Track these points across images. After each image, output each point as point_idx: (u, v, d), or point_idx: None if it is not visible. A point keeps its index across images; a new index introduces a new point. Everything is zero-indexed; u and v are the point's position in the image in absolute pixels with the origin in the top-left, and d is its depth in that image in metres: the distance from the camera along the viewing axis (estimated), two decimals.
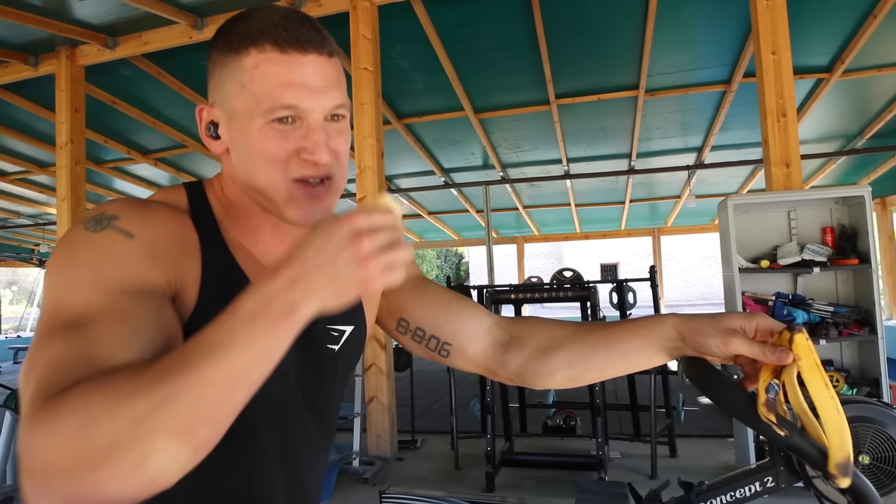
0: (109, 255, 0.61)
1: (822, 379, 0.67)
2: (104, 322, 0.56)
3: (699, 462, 4.20)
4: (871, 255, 3.46)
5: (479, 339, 0.89)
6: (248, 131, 0.68)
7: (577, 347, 0.85)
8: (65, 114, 4.83)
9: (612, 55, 5.10)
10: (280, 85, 0.66)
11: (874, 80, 5.51)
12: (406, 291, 0.91)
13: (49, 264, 0.62)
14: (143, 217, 0.65)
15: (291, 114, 0.66)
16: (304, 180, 0.68)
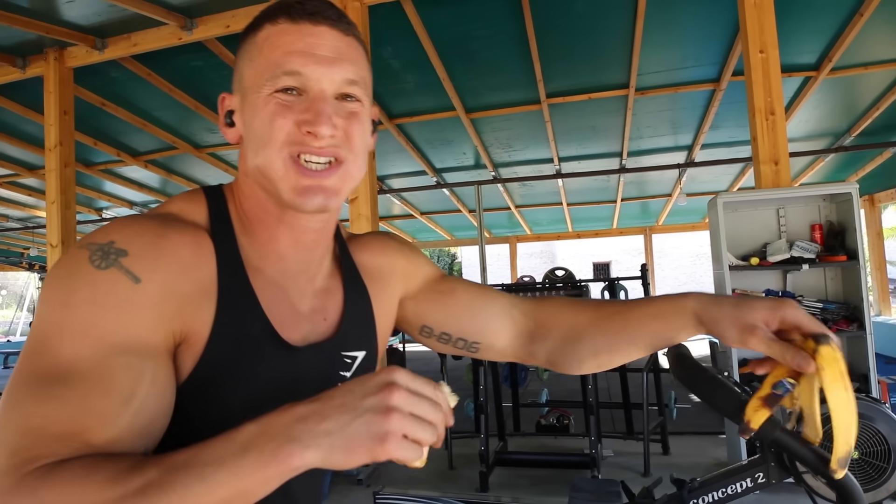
0: (109, 304, 0.55)
1: (843, 386, 0.65)
2: (90, 386, 0.53)
3: (692, 459, 4.23)
4: (859, 251, 3.50)
5: (507, 333, 0.89)
6: (253, 106, 0.64)
7: (599, 337, 0.84)
8: (53, 116, 4.79)
9: (602, 54, 5.12)
10: (286, 52, 0.62)
11: (861, 77, 5.56)
12: (426, 299, 0.89)
13: (45, 292, 0.57)
14: (154, 254, 0.59)
15: (295, 83, 0.62)
16: (300, 158, 0.63)
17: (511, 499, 3.45)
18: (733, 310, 0.71)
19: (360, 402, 0.49)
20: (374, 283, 0.84)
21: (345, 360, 0.78)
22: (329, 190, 0.65)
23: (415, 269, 0.90)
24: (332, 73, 0.63)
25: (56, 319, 0.55)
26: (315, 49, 0.63)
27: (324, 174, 0.64)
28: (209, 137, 6.82)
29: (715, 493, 1.97)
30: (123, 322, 0.56)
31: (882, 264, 9.31)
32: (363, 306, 0.81)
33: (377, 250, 0.87)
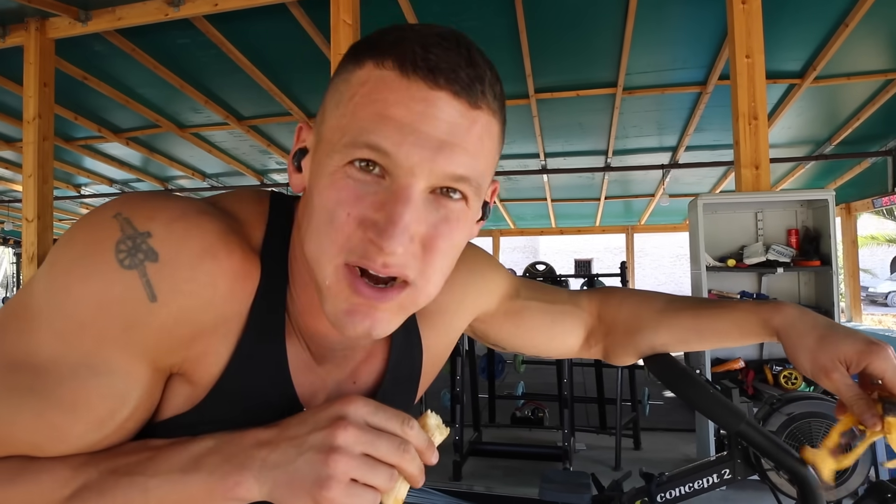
0: (114, 313, 0.47)
1: None
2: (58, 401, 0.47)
3: (662, 455, 4.31)
4: (833, 257, 3.57)
5: (575, 340, 0.86)
6: (320, 172, 0.49)
7: (664, 330, 0.79)
8: (33, 88, 4.69)
9: (591, 52, 5.14)
10: (378, 116, 0.45)
11: (844, 87, 5.65)
12: (500, 321, 0.81)
13: (58, 254, 0.49)
14: (186, 275, 0.49)
15: (378, 160, 0.46)
16: (358, 268, 0.47)
17: (484, 488, 3.48)
18: (816, 343, 0.66)
19: (307, 437, 0.44)
20: (432, 326, 0.70)
21: None
22: (380, 316, 0.49)
23: (488, 294, 0.79)
24: (435, 162, 0.45)
25: (56, 300, 0.48)
26: (421, 123, 0.45)
27: (380, 296, 0.48)
28: (193, 117, 6.72)
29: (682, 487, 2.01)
30: (122, 339, 0.48)
31: (855, 272, 9.49)
32: (409, 367, 0.69)
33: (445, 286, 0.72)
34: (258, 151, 7.89)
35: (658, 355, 0.82)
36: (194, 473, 0.45)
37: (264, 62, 5.34)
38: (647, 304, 0.83)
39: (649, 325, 0.80)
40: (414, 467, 0.45)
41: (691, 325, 0.78)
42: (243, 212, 0.55)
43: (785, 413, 2.63)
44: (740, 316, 0.75)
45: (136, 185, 9.66)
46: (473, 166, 0.47)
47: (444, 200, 0.48)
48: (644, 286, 26.16)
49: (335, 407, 0.45)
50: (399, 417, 0.46)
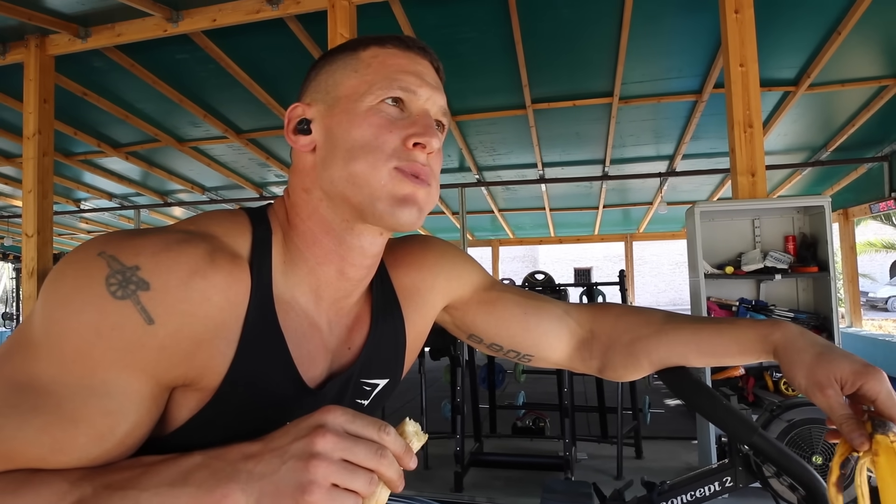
0: (112, 339, 0.51)
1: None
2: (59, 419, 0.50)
3: (664, 463, 4.29)
4: (830, 263, 3.58)
5: (562, 345, 0.86)
6: (352, 114, 0.63)
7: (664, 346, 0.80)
8: (33, 104, 4.72)
9: (587, 62, 5.18)
10: (400, 70, 0.65)
11: (838, 94, 5.70)
12: (473, 309, 0.86)
13: (50, 293, 0.52)
14: (178, 296, 0.53)
15: (406, 97, 0.64)
16: (404, 170, 0.62)
17: (485, 499, 3.47)
18: (813, 359, 0.67)
19: (289, 447, 0.46)
20: (410, 301, 0.80)
21: (363, 388, 0.75)
22: (422, 203, 0.64)
23: (458, 280, 0.86)
24: (436, 98, 0.67)
25: (55, 330, 0.51)
26: (425, 75, 0.67)
27: (421, 184, 0.63)
28: (192, 131, 6.75)
29: (684, 495, 2.01)
30: (121, 362, 0.52)
31: (854, 277, 9.51)
32: (393, 332, 0.78)
33: (415, 265, 0.82)
34: (257, 164, 7.91)
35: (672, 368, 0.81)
36: (183, 487, 0.46)
37: (263, 76, 5.38)
38: (645, 319, 0.83)
39: (649, 340, 0.81)
40: (392, 472, 0.47)
41: (691, 339, 0.79)
42: (222, 228, 0.63)
43: (785, 420, 2.63)
44: (739, 332, 0.76)
45: (135, 199, 9.68)
46: (447, 107, 0.70)
47: (439, 133, 0.66)
48: (644, 294, 26.16)
49: (314, 417, 0.47)
50: (375, 424, 0.48)
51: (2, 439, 0.50)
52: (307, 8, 4.14)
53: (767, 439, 0.78)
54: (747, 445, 0.77)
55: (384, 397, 0.79)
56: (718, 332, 0.78)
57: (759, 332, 0.74)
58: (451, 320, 0.88)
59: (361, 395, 0.75)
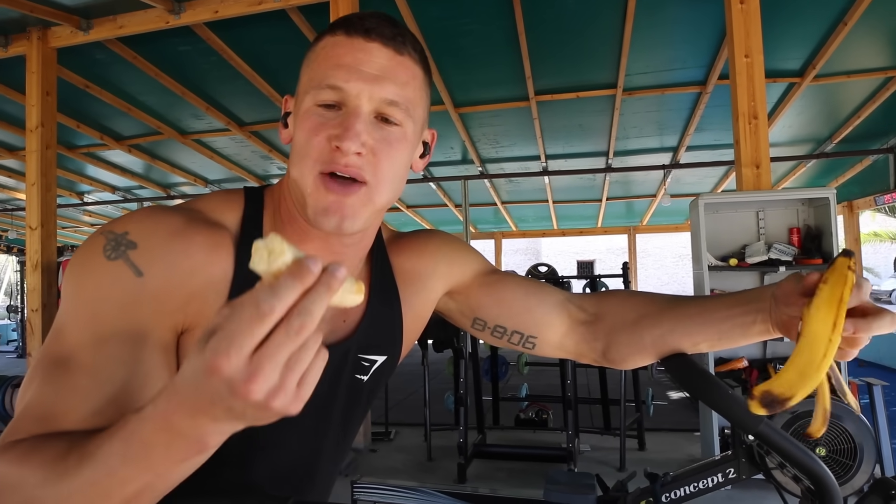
0: (111, 295, 0.59)
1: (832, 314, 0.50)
2: (81, 370, 0.56)
3: (666, 455, 4.30)
4: (834, 255, 3.57)
5: (565, 328, 0.85)
6: (297, 115, 0.66)
7: (667, 322, 0.77)
8: (35, 97, 4.71)
9: (591, 53, 5.15)
10: (333, 66, 0.63)
11: (844, 85, 5.66)
12: (476, 292, 0.87)
13: (65, 279, 0.62)
14: (162, 250, 0.61)
15: (335, 98, 0.62)
16: (329, 173, 0.62)
17: (488, 490, 3.48)
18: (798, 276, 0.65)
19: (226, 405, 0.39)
20: (408, 285, 0.83)
21: (362, 363, 0.77)
22: (346, 210, 0.63)
23: (459, 265, 0.88)
24: (372, 90, 0.62)
25: (68, 308, 0.59)
26: (361, 64, 0.63)
27: (345, 190, 0.62)
28: (195, 123, 6.75)
29: (687, 487, 2.02)
30: (123, 313, 0.58)
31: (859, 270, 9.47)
32: (391, 310, 0.80)
33: (416, 252, 0.85)
34: (260, 157, 7.91)
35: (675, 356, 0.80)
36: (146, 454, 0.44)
37: (265, 68, 5.36)
38: (650, 299, 0.82)
39: (653, 316, 0.79)
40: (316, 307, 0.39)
41: (694, 311, 0.76)
42: (208, 205, 0.69)
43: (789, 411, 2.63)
44: (740, 292, 0.74)
45: (138, 191, 9.69)
46: (402, 95, 0.64)
47: (384, 125, 0.64)
48: (647, 286, 26.14)
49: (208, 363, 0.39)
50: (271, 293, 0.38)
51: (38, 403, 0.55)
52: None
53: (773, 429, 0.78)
54: (753, 435, 0.77)
55: (383, 374, 0.81)
56: (721, 300, 0.75)
57: (758, 288, 0.72)
58: (455, 306, 0.88)
59: (360, 371, 0.77)
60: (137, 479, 0.45)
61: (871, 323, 0.57)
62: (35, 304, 4.84)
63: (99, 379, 0.56)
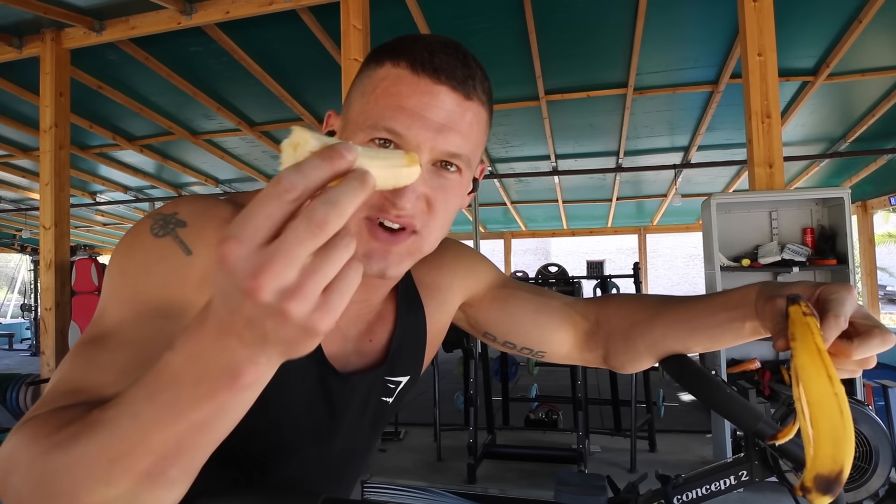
0: (158, 271, 0.56)
1: (822, 369, 0.48)
2: (119, 345, 0.53)
3: (678, 457, 4.27)
4: (849, 256, 3.53)
5: (571, 340, 0.87)
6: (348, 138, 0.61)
7: (659, 327, 0.77)
8: (49, 97, 4.76)
9: (601, 53, 5.13)
10: (394, 106, 0.58)
11: (858, 84, 5.59)
12: (488, 307, 0.87)
13: (112, 257, 0.60)
14: (211, 232, 0.59)
15: (393, 140, 0.58)
16: (376, 221, 0.58)
17: (498, 491, 3.48)
18: (779, 284, 0.63)
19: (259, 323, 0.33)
20: (431, 299, 0.83)
21: (388, 386, 0.76)
22: (393, 258, 0.60)
23: (474, 278, 0.88)
24: (436, 141, 0.58)
25: (113, 286, 0.57)
26: (426, 111, 0.57)
27: (393, 239, 0.59)
28: (206, 124, 6.79)
29: (699, 489, 2.00)
30: (169, 288, 0.56)
31: (873, 270, 9.38)
32: (416, 329, 0.80)
33: (434, 264, 0.84)
34: (270, 157, 7.95)
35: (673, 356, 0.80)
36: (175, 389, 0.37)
37: (276, 68, 5.39)
38: (642, 304, 0.82)
39: (644, 323, 0.79)
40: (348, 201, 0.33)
41: (683, 317, 0.75)
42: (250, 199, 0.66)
43: None
44: (727, 296, 0.71)
45: (150, 191, 9.77)
46: (465, 146, 0.60)
47: (443, 171, 0.60)
48: (657, 287, 25.99)
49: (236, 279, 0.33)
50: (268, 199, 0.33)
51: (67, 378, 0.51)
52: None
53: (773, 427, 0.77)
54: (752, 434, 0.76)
55: (406, 394, 0.80)
56: (707, 302, 0.74)
57: (743, 290, 0.69)
58: (466, 319, 0.89)
59: (386, 393, 0.75)
60: (165, 427, 0.37)
61: (861, 347, 0.53)
62: (48, 302, 4.89)
63: (138, 352, 0.51)
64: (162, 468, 0.38)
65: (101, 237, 14.07)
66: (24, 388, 5.04)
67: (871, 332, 0.54)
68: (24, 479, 0.41)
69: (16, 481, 0.41)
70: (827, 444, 0.47)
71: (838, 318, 0.53)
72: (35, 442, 0.43)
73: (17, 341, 13.86)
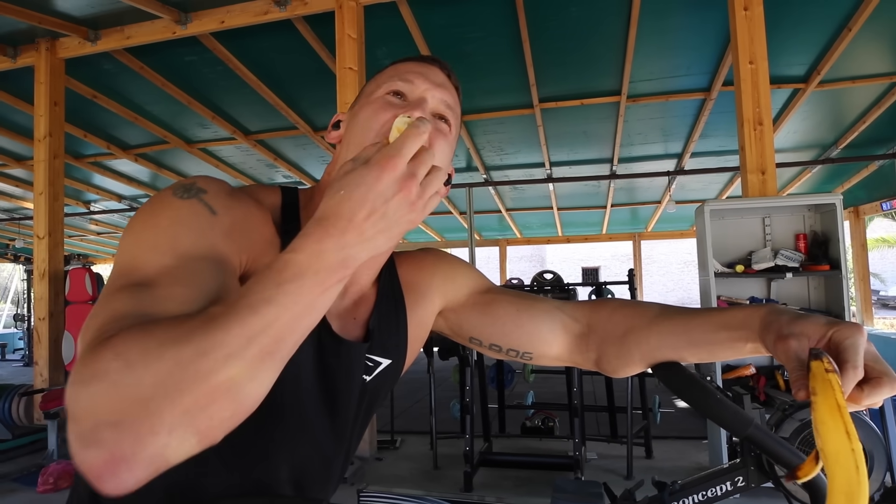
0: (190, 223, 0.61)
1: (841, 425, 0.50)
2: (171, 283, 0.54)
3: (674, 463, 4.27)
4: (842, 261, 3.55)
5: (559, 341, 0.87)
6: (362, 105, 0.75)
7: (654, 337, 0.78)
8: (43, 107, 4.76)
9: (595, 61, 5.17)
10: (404, 70, 0.76)
11: (848, 91, 5.65)
12: (469, 311, 0.89)
13: (132, 221, 0.63)
14: (229, 200, 0.66)
15: (405, 89, 0.74)
16: None
17: (495, 499, 3.46)
18: (789, 318, 0.64)
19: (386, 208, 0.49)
20: (412, 296, 0.88)
21: (367, 364, 0.79)
22: None
23: (454, 282, 0.92)
24: (435, 91, 0.74)
25: (141, 240, 0.59)
26: (429, 74, 0.76)
27: None
28: (201, 132, 6.79)
29: (695, 495, 2.00)
30: (202, 240, 0.60)
31: (866, 275, 9.43)
32: (396, 316, 0.85)
33: (416, 266, 0.90)
34: (265, 165, 7.95)
35: (666, 362, 0.80)
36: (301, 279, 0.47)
37: (271, 77, 5.40)
38: (639, 311, 0.83)
39: (641, 332, 0.80)
40: None
41: (682, 330, 0.76)
42: (251, 189, 0.75)
43: (797, 419, 2.61)
44: (728, 316, 0.73)
45: (144, 200, 9.73)
46: (455, 104, 0.77)
47: (437, 121, 0.74)
48: (652, 293, 26.03)
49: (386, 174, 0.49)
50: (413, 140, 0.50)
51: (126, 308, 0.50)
52: (315, 9, 4.16)
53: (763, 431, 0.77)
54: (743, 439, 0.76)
55: (387, 378, 0.83)
56: (707, 320, 0.75)
57: (745, 312, 0.71)
58: (448, 325, 0.91)
59: (365, 371, 0.79)
60: (288, 310, 0.46)
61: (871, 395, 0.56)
62: (42, 312, 4.87)
63: (196, 284, 0.55)
64: (278, 347, 0.47)
65: (96, 246, 14.01)
66: (16, 399, 4.99)
67: (881, 382, 0.57)
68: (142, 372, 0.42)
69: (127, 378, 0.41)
70: (842, 498, 0.50)
71: (857, 369, 0.56)
72: (151, 336, 0.44)
73: (10, 351, 13.74)
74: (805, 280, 3.86)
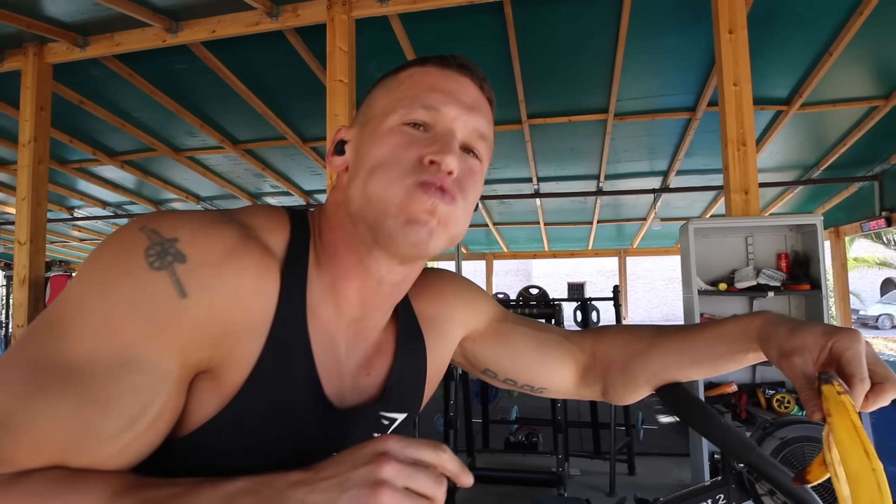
0: (147, 312, 0.51)
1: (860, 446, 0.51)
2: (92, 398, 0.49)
3: (656, 480, 4.28)
4: (822, 281, 3.61)
5: (571, 375, 0.86)
6: (376, 134, 0.62)
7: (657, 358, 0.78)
8: (29, 111, 4.71)
9: (583, 79, 5.23)
10: (428, 88, 0.63)
11: (830, 114, 5.77)
12: (488, 342, 0.86)
13: (90, 265, 0.53)
14: (213, 272, 0.54)
15: (428, 119, 0.62)
16: (432, 182, 0.58)
17: None
18: (787, 331, 0.64)
19: (349, 475, 0.45)
20: (431, 332, 0.79)
21: (382, 422, 0.72)
22: (440, 217, 0.59)
23: (476, 311, 0.86)
24: (468, 118, 0.63)
25: (88, 304, 0.51)
26: (457, 93, 0.63)
27: (443, 196, 0.59)
28: (188, 141, 6.76)
29: None
30: (154, 336, 0.51)
31: (846, 295, 9.55)
32: (416, 364, 0.76)
33: (436, 296, 0.82)
34: (253, 175, 7.92)
35: (669, 385, 0.80)
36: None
37: (260, 87, 5.40)
38: (637, 336, 0.83)
39: (642, 356, 0.80)
40: (442, 496, 0.48)
41: (681, 348, 0.77)
42: (257, 221, 0.62)
43: (778, 437, 2.63)
44: (724, 328, 0.74)
45: (129, 207, 9.65)
46: (488, 131, 0.66)
47: (468, 157, 0.64)
48: (636, 309, 26.19)
49: (374, 445, 0.47)
50: (432, 446, 0.48)
51: (32, 424, 0.47)
52: (306, 21, 4.17)
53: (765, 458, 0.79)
54: (745, 464, 0.77)
55: (402, 432, 0.76)
56: (705, 334, 0.76)
57: (741, 323, 0.72)
58: (464, 354, 0.87)
59: (379, 429, 0.72)
60: None
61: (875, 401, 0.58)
62: (21, 319, 4.78)
63: (114, 414, 0.49)
64: None
65: (78, 252, 13.83)
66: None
67: (884, 387, 0.58)
68: None
69: None
70: None
71: (864, 382, 0.57)
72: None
73: None
74: (786, 299, 3.91)
